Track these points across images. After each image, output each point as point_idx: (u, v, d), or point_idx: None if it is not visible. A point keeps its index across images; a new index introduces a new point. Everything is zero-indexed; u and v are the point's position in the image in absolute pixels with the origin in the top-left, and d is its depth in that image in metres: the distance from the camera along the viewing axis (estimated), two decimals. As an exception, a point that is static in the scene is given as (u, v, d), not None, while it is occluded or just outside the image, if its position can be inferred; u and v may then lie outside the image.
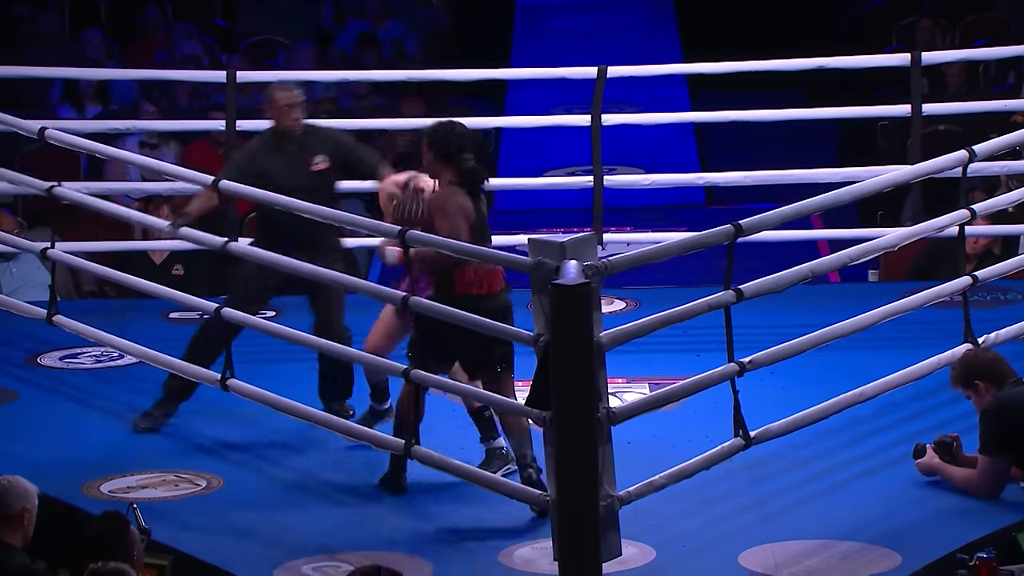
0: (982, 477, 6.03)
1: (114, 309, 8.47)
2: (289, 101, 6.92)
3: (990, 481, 6.03)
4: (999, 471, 6.02)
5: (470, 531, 5.96)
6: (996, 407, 6.02)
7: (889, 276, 8.98)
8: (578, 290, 5.27)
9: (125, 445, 6.85)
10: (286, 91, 6.96)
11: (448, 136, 6.14)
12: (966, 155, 6.71)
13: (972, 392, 6.14)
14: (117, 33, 12.98)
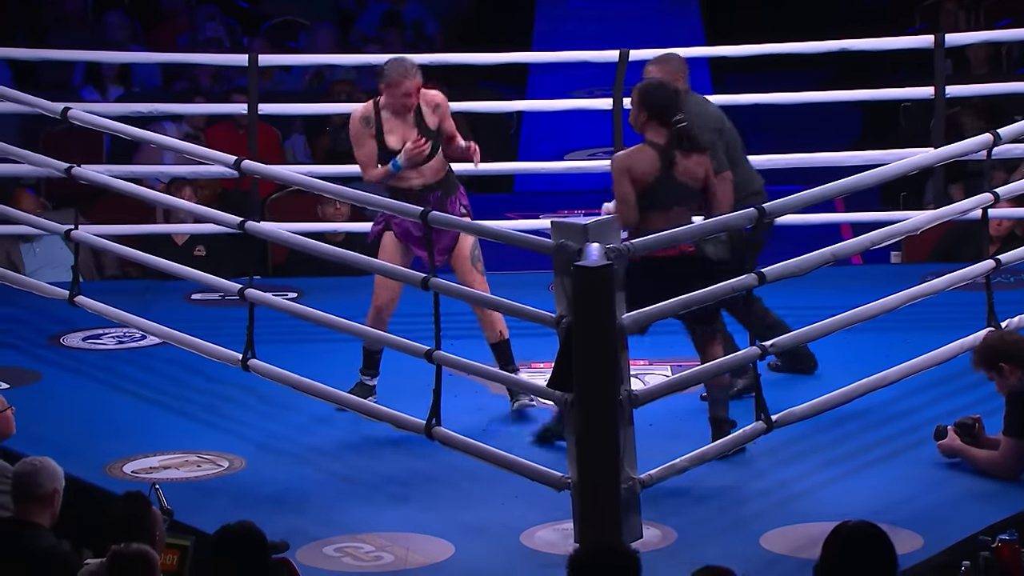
0: (1005, 459, 6.02)
1: (136, 290, 8.48)
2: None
3: (1013, 463, 6.01)
4: (1022, 453, 6.00)
5: (491, 512, 5.96)
6: (1021, 390, 6.00)
7: (911, 258, 8.95)
8: (600, 272, 5.26)
9: (148, 425, 6.86)
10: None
11: (660, 96, 6.13)
12: (991, 138, 6.68)
13: (996, 374, 6.11)
14: (140, 15, 12.99)
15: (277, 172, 7.46)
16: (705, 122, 6.53)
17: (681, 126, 6.10)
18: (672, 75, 6.61)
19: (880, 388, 6.26)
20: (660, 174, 6.08)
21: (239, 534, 4.72)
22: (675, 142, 6.09)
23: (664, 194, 6.06)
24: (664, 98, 6.16)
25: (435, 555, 5.67)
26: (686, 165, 6.10)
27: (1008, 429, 6.02)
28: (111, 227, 8.41)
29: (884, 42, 8.63)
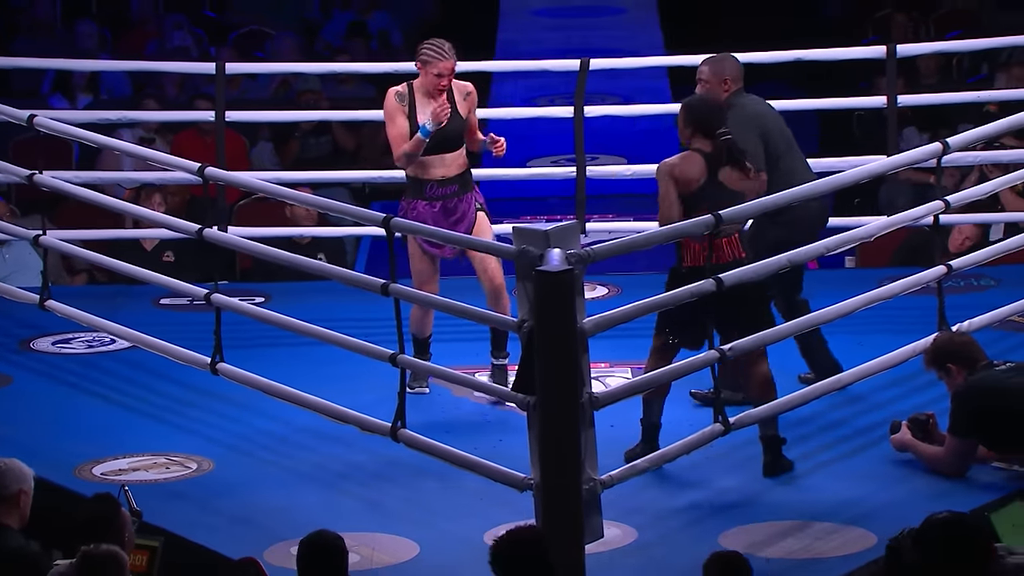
0: (948, 456, 6.07)
1: (105, 295, 8.45)
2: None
3: (955, 461, 6.06)
4: (964, 451, 6.05)
5: (456, 513, 5.96)
6: (965, 390, 6.05)
7: (866, 263, 9.00)
8: (561, 277, 5.26)
9: (117, 428, 6.83)
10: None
11: (704, 110, 6.23)
12: (940, 147, 6.72)
13: (944, 374, 6.17)
14: (109, 24, 12.95)
15: (241, 179, 7.44)
16: (746, 124, 6.61)
17: (725, 139, 6.15)
18: (718, 76, 6.72)
19: (836, 390, 6.29)
20: (707, 179, 6.13)
21: (321, 545, 4.67)
22: (720, 153, 6.14)
23: (710, 198, 6.08)
24: (707, 112, 6.24)
25: (400, 555, 5.66)
26: (730, 173, 6.16)
27: (952, 428, 6.07)
28: (79, 232, 8.37)
29: (838, 52, 8.66)
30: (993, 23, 11.95)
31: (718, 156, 6.16)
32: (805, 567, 5.51)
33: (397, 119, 6.74)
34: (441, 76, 6.69)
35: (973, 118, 9.39)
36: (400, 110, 6.73)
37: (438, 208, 6.76)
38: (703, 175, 6.14)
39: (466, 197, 6.80)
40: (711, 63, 6.85)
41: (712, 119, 6.21)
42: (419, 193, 6.76)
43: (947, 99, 9.05)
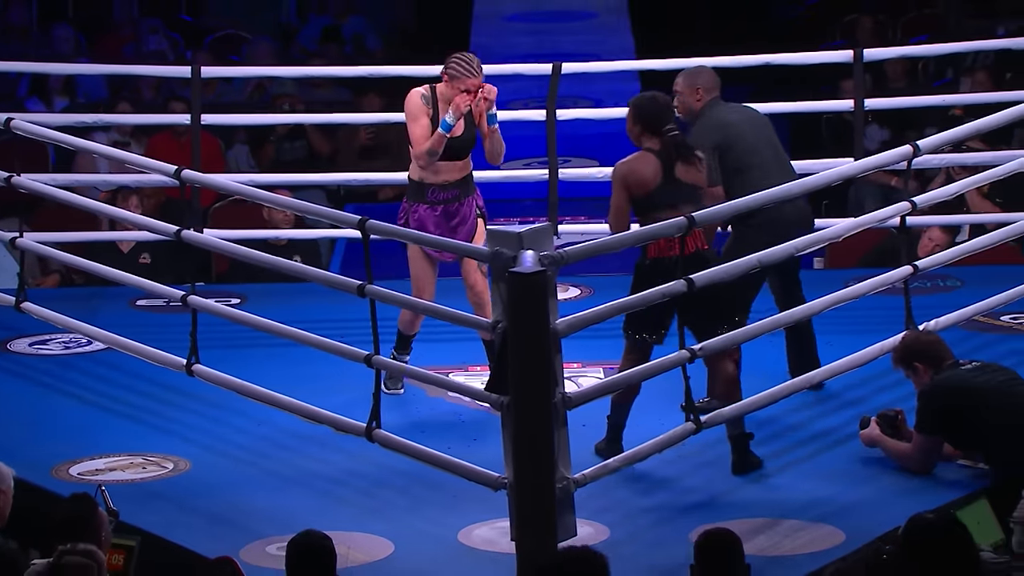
0: (915, 453, 6.10)
1: (82, 296, 8.42)
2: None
3: (922, 457, 6.09)
4: (930, 449, 6.08)
5: (430, 512, 5.95)
6: (931, 389, 6.07)
7: (834, 264, 9.02)
8: (535, 278, 5.26)
9: (94, 429, 6.81)
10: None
11: (651, 108, 6.20)
12: (910, 149, 6.75)
13: (911, 372, 6.20)
14: (85, 28, 12.90)
15: (216, 181, 7.43)
16: (704, 135, 6.62)
17: (672, 135, 6.14)
18: (691, 87, 6.74)
19: (805, 389, 6.31)
20: (663, 177, 6.12)
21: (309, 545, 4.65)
22: (670, 150, 6.13)
23: (669, 194, 6.09)
24: (654, 110, 6.21)
25: (375, 553, 5.66)
26: (687, 168, 6.15)
27: (918, 426, 6.10)
28: (57, 234, 8.35)
29: (806, 57, 8.69)
30: (958, 28, 12.00)
31: (668, 153, 6.15)
32: (774, 564, 5.52)
33: (421, 119, 6.72)
34: (468, 92, 6.69)
35: (938, 121, 9.43)
36: (425, 111, 6.73)
37: (439, 212, 6.75)
38: (658, 174, 6.12)
39: (467, 201, 6.79)
40: (684, 75, 6.86)
41: (658, 117, 6.17)
42: (421, 196, 6.75)
43: (913, 102, 9.08)
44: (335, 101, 10.92)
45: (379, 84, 10.28)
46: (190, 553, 5.64)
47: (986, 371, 6.12)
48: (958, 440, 6.10)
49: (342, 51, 12.36)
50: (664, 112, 6.23)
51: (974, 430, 6.01)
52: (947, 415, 6.03)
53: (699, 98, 6.76)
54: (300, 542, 4.67)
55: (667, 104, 6.32)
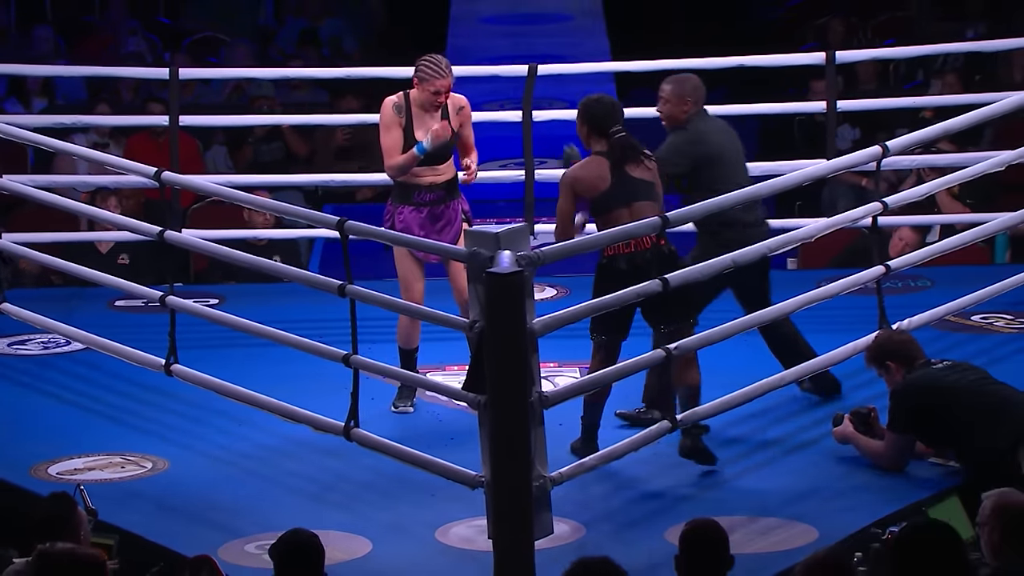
0: (887, 451, 6.10)
1: (60, 297, 8.38)
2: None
3: (894, 455, 6.09)
4: (903, 447, 6.08)
5: (408, 510, 5.93)
6: (903, 388, 6.08)
7: (807, 264, 9.02)
8: (511, 278, 5.25)
9: (72, 428, 6.78)
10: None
11: (597, 109, 6.17)
12: (880, 150, 6.75)
13: (884, 371, 6.20)
14: (64, 30, 12.84)
15: (195, 182, 7.39)
16: (678, 149, 6.58)
17: (618, 137, 6.12)
18: (679, 96, 6.67)
19: (779, 387, 6.31)
20: (614, 177, 6.10)
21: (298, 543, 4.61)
22: (617, 151, 6.10)
23: (623, 193, 6.07)
24: (600, 111, 6.18)
25: (354, 551, 5.63)
26: (637, 167, 6.12)
27: (891, 424, 6.10)
28: (35, 235, 8.30)
29: (779, 59, 8.68)
30: (928, 31, 12.02)
31: (617, 155, 6.12)
32: (749, 561, 5.51)
33: (393, 130, 6.68)
34: (438, 93, 6.66)
35: (909, 123, 9.44)
36: (397, 122, 6.68)
37: (425, 214, 6.72)
38: (607, 176, 6.10)
39: (452, 204, 6.75)
40: (674, 82, 6.79)
41: (605, 118, 6.15)
42: (406, 199, 6.71)
43: (884, 104, 9.09)
44: (312, 103, 10.88)
45: (356, 86, 10.25)
46: (168, 552, 5.61)
47: (957, 370, 6.12)
48: (930, 438, 6.11)
49: (319, 53, 12.32)
50: (611, 113, 6.19)
51: (946, 428, 6.02)
52: (919, 414, 6.04)
53: (686, 109, 6.71)
54: (288, 540, 4.65)
55: (613, 105, 6.26)
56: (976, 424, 5.93)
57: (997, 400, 6.00)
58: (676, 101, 6.70)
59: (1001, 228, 7.69)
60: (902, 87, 11.13)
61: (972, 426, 5.94)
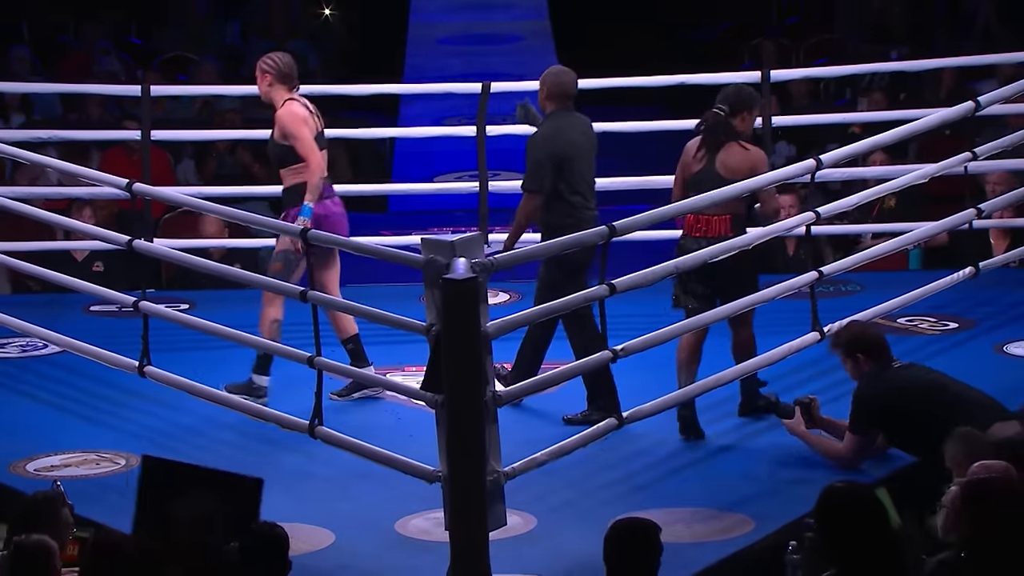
0: (847, 451, 6.02)
1: (38, 303, 8.31)
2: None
3: (853, 455, 6.02)
4: (863, 447, 6.01)
5: (370, 504, 5.91)
6: (868, 390, 5.98)
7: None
8: (466, 284, 5.23)
9: (50, 427, 6.73)
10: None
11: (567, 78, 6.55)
12: (814, 163, 6.77)
13: (850, 361, 6.07)
14: (40, 49, 12.76)
15: (165, 193, 7.35)
16: (537, 142, 6.61)
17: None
18: (544, 87, 6.67)
19: (719, 386, 6.31)
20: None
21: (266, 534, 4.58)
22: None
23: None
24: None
25: (318, 542, 5.61)
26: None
27: (854, 426, 6.02)
28: (12, 244, 8.24)
29: (717, 77, 8.69)
30: (856, 52, 12.10)
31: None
32: (689, 550, 5.52)
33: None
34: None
35: (839, 138, 9.49)
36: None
37: (338, 203, 6.70)
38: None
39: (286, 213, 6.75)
40: (546, 73, 6.77)
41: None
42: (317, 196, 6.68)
43: (816, 120, 9.12)
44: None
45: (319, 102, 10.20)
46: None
47: (916, 370, 6.06)
48: (891, 437, 6.02)
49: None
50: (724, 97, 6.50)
51: (907, 427, 5.91)
52: (883, 414, 5.95)
53: (551, 103, 6.66)
54: (256, 532, 4.62)
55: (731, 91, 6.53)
56: (934, 422, 5.73)
57: (952, 398, 5.91)
58: (542, 94, 6.71)
59: (926, 236, 7.73)
60: (833, 104, 11.19)
61: (930, 424, 5.75)
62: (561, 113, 6.67)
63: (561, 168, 6.57)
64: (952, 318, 7.58)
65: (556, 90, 6.68)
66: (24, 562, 4.56)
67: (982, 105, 7.55)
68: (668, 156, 10.20)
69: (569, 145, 6.61)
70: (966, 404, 5.91)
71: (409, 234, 8.51)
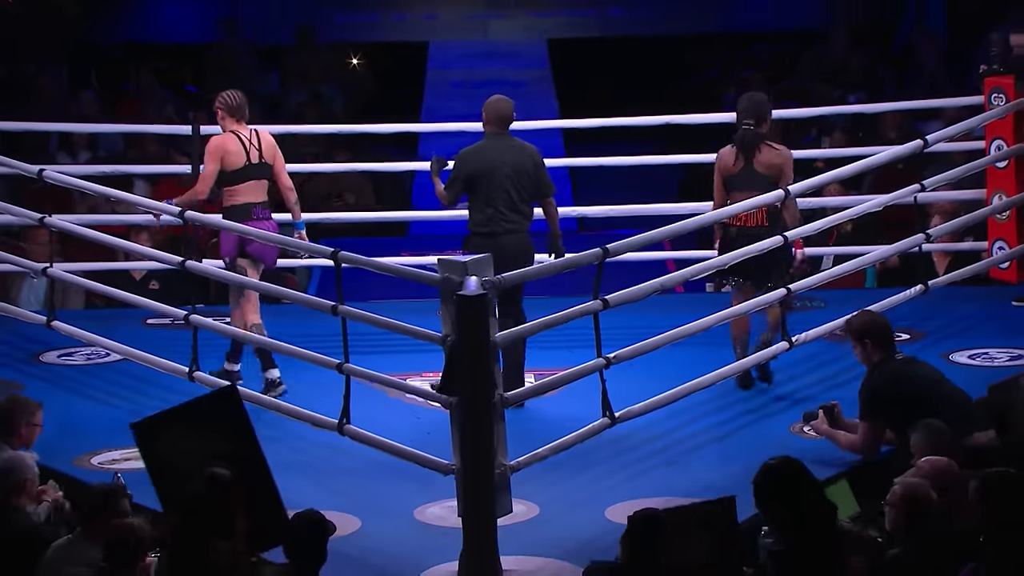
0: (863, 440, 5.82)
1: (102, 317, 8.30)
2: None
3: (869, 443, 5.81)
4: (876, 435, 5.80)
5: (392, 494, 5.87)
6: (877, 380, 5.79)
7: (721, 287, 8.99)
8: (477, 300, 5.21)
9: (111, 426, 6.69)
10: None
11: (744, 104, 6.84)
12: (783, 193, 6.75)
13: (859, 346, 5.90)
14: (106, 94, 12.80)
15: (213, 220, 7.33)
16: (460, 160, 6.68)
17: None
18: (484, 112, 6.75)
19: (699, 390, 6.27)
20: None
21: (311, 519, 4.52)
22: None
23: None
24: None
25: (346, 527, 5.57)
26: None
27: (865, 414, 5.82)
28: (81, 264, 8.23)
29: (699, 118, 8.71)
30: (819, 96, 12.10)
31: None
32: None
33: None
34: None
35: (805, 171, 9.45)
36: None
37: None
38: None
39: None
40: (487, 101, 6.80)
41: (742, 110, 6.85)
42: (247, 215, 6.80)
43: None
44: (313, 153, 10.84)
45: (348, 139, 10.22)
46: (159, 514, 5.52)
47: (916, 363, 5.88)
48: (895, 425, 5.76)
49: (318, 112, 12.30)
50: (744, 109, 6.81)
51: (908, 416, 5.57)
52: (892, 402, 5.73)
53: (488, 126, 6.72)
54: (304, 516, 4.58)
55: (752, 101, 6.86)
56: (932, 414, 5.49)
57: (941, 392, 5.76)
58: (484, 117, 6.74)
59: (882, 258, 7.70)
60: (800, 141, 11.17)
61: (930, 415, 5.46)
62: (492, 136, 6.74)
63: (473, 183, 6.63)
64: (905, 330, 7.53)
65: (492, 116, 6.76)
66: (116, 544, 4.52)
67: (929, 143, 7.56)
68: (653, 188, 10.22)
69: (481, 164, 6.65)
70: (954, 401, 5.75)
71: (428, 255, 8.47)
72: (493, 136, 6.70)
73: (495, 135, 6.70)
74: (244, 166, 6.84)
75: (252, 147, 6.85)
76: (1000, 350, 7.23)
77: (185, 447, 4.58)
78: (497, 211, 6.60)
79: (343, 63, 13.89)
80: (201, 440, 4.59)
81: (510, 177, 6.65)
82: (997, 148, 8.14)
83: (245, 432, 4.63)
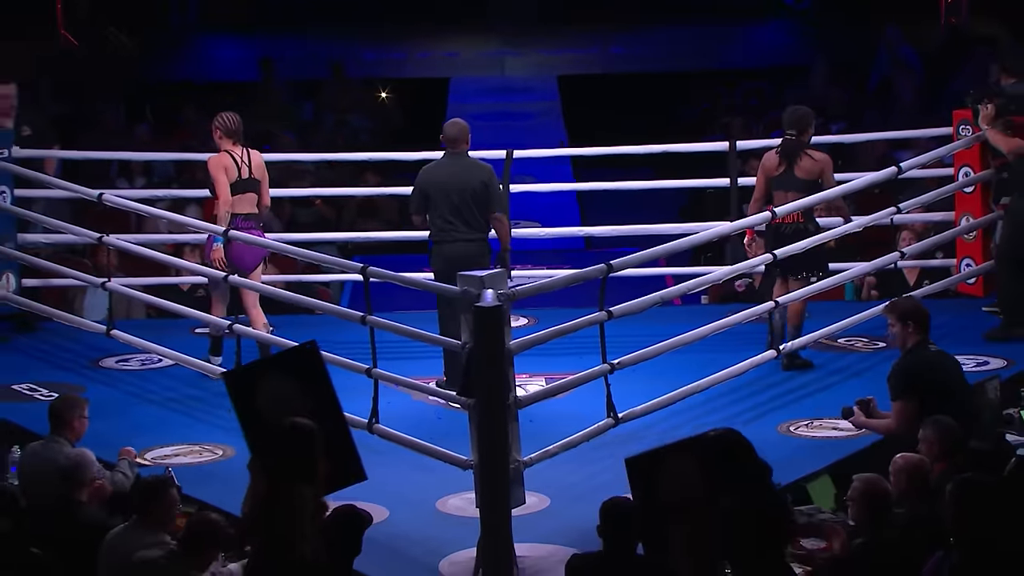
0: (897, 422, 5.50)
1: (156, 326, 8.32)
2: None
3: (904, 422, 5.40)
4: (911, 415, 5.37)
5: (417, 486, 5.87)
6: (914, 363, 5.53)
7: (714, 300, 9.00)
8: (494, 311, 5.22)
9: (163, 424, 6.72)
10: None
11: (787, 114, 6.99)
12: (770, 214, 6.75)
13: (900, 327, 5.60)
14: (159, 126, 12.87)
15: (255, 238, 7.35)
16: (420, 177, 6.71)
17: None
18: (444, 133, 6.74)
19: (696, 393, 6.26)
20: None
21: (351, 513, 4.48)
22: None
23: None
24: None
25: (376, 517, 5.56)
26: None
27: (900, 395, 5.52)
28: (136, 279, 8.25)
29: (695, 146, 8.73)
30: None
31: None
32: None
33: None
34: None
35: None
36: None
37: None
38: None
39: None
40: (447, 123, 6.80)
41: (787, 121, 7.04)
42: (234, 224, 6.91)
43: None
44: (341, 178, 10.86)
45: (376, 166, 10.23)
46: (235, 517, 5.53)
47: (947, 356, 5.64)
48: (927, 409, 5.30)
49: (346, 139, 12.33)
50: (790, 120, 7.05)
51: (935, 401, 5.38)
52: (926, 385, 5.46)
53: (447, 146, 6.72)
54: (343, 510, 4.56)
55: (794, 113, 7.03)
56: (951, 406, 5.32)
57: (963, 390, 5.58)
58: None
59: (860, 274, 7.69)
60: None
61: (949, 407, 5.32)
62: (448, 154, 6.78)
63: (426, 197, 6.71)
64: (882, 339, 7.50)
65: (448, 137, 6.78)
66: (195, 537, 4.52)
67: (903, 170, 7.55)
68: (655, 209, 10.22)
69: (431, 180, 6.73)
70: (961, 392, 5.56)
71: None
72: (449, 155, 6.76)
73: (451, 154, 6.77)
74: (236, 180, 6.97)
75: (243, 164, 6.97)
76: (967, 357, 7.21)
77: (272, 395, 4.56)
78: (446, 221, 6.67)
79: (373, 96, 13.92)
80: (286, 389, 4.57)
81: (458, 192, 6.68)
82: (965, 175, 8.14)
83: (323, 382, 4.63)
